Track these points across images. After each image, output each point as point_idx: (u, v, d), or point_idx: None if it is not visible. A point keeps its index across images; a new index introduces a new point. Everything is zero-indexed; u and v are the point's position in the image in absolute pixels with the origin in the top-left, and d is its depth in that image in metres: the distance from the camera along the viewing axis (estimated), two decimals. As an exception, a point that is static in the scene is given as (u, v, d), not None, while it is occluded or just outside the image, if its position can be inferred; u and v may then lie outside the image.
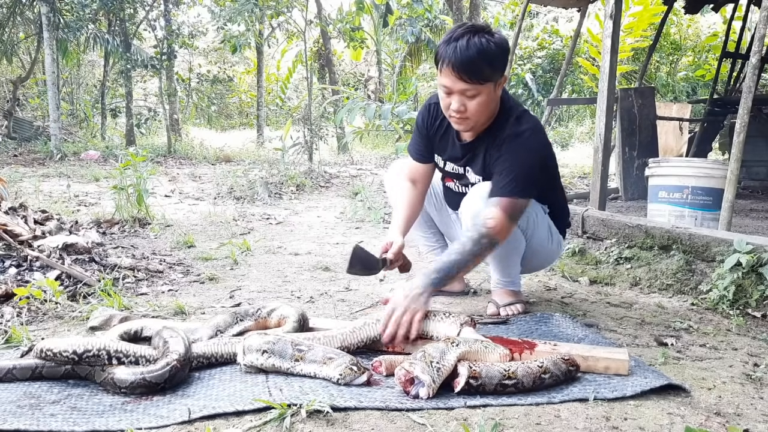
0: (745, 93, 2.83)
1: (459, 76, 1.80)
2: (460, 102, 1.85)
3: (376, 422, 1.30)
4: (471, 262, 1.82)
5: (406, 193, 2.19)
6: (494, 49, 1.80)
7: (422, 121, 2.15)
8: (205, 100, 18.87)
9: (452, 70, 1.80)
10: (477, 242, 1.80)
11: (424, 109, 2.16)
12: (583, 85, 12.40)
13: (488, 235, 1.81)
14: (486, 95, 1.85)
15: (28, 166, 8.30)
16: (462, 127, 1.95)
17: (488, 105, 1.89)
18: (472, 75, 1.80)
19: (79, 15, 10.38)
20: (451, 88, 1.85)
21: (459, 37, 1.80)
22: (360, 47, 11.98)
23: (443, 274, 1.78)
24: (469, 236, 1.82)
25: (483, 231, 1.81)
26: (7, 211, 2.84)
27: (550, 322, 2.03)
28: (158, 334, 1.61)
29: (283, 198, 6.00)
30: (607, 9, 3.58)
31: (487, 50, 1.78)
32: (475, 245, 1.80)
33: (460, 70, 1.79)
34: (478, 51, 1.78)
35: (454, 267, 1.79)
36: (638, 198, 5.00)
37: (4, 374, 1.49)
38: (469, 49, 1.77)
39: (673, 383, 1.50)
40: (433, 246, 2.50)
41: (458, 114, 1.88)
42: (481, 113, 1.89)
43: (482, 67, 1.80)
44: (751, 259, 2.22)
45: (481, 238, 1.81)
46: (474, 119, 1.90)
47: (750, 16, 6.80)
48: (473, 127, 1.96)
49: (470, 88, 1.82)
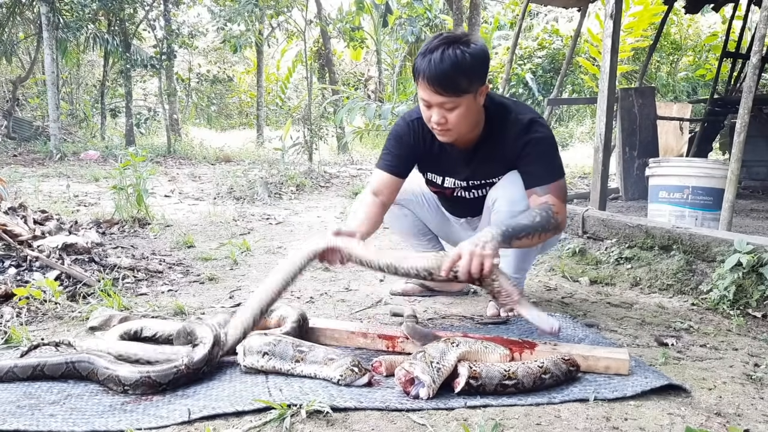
0: (746, 93, 2.83)
1: (435, 89, 1.77)
2: (440, 114, 1.82)
3: (376, 422, 1.30)
4: (537, 234, 1.78)
5: (366, 209, 2.02)
6: (469, 60, 1.74)
7: (403, 137, 2.04)
8: (204, 100, 18.88)
9: (428, 83, 1.77)
10: (546, 219, 1.78)
11: (405, 124, 2.05)
12: (583, 85, 12.40)
13: (554, 218, 1.81)
14: (465, 106, 1.82)
15: (27, 166, 8.30)
16: (445, 138, 1.91)
17: (469, 115, 1.85)
18: (448, 88, 1.76)
19: (79, 15, 10.38)
20: (429, 101, 1.82)
21: (434, 49, 1.76)
22: (360, 47, 11.99)
23: (512, 231, 1.72)
24: (540, 212, 1.79)
25: (550, 213, 1.80)
26: (6, 211, 2.84)
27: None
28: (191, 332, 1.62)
29: (282, 198, 6.00)
30: (608, 9, 3.58)
31: (461, 62, 1.74)
32: (544, 220, 1.77)
33: (435, 83, 1.75)
34: (452, 64, 1.73)
35: (523, 230, 1.75)
36: (638, 198, 4.99)
37: (4, 374, 1.49)
38: (443, 62, 1.73)
39: (674, 383, 1.49)
40: (423, 244, 2.48)
41: (439, 126, 1.85)
42: (463, 124, 1.86)
43: (458, 80, 1.75)
44: (751, 259, 2.22)
45: (550, 217, 1.79)
46: (456, 130, 1.87)
47: (750, 15, 6.80)
48: (457, 138, 1.92)
49: (448, 101, 1.79)
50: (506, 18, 14.81)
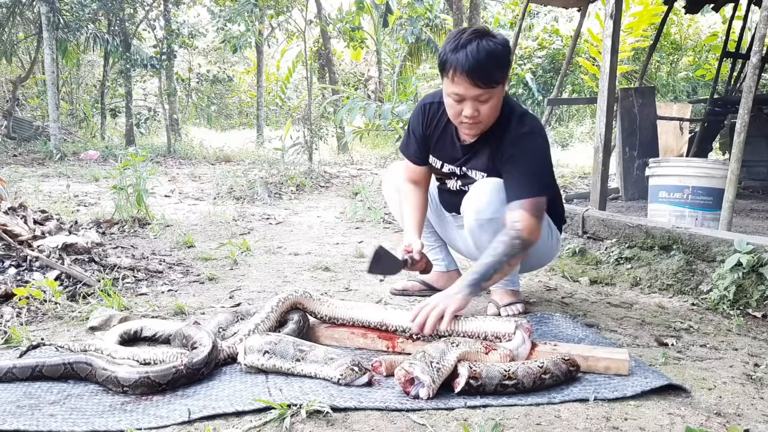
0: (746, 93, 2.83)
1: (473, 82, 1.81)
2: (474, 107, 1.86)
3: (376, 422, 1.30)
4: (506, 263, 1.83)
5: (412, 195, 2.21)
6: (501, 50, 1.82)
7: (418, 124, 2.15)
8: (204, 100, 18.87)
9: (466, 77, 1.80)
10: (509, 244, 1.82)
11: (419, 110, 2.15)
12: (583, 85, 12.40)
13: (519, 237, 1.83)
14: (497, 98, 1.88)
15: (27, 166, 8.30)
16: (474, 131, 1.97)
17: (497, 106, 1.92)
18: (487, 79, 1.81)
19: (79, 15, 10.38)
20: (464, 95, 1.85)
21: (467, 42, 1.80)
22: (360, 47, 11.98)
23: (480, 276, 1.78)
24: (501, 240, 1.83)
25: (513, 234, 1.83)
26: (6, 211, 2.84)
27: (551, 323, 2.03)
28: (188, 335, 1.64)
29: (282, 198, 5.99)
30: (608, 9, 3.58)
31: (495, 53, 1.80)
32: (507, 247, 1.81)
33: (474, 76, 1.80)
34: (488, 55, 1.78)
35: (490, 269, 1.80)
36: (638, 198, 4.99)
37: (3, 375, 1.49)
38: (479, 53, 1.78)
39: (674, 383, 1.49)
40: (431, 246, 2.50)
41: (471, 120, 1.89)
42: (492, 116, 1.92)
43: (494, 71, 1.81)
44: (751, 259, 2.22)
45: (513, 240, 1.82)
46: (485, 122, 1.93)
47: (750, 15, 6.80)
48: (483, 130, 1.97)
49: (484, 92, 1.83)
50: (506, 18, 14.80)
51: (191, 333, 1.64)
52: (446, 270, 2.49)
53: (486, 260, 1.81)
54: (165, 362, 1.54)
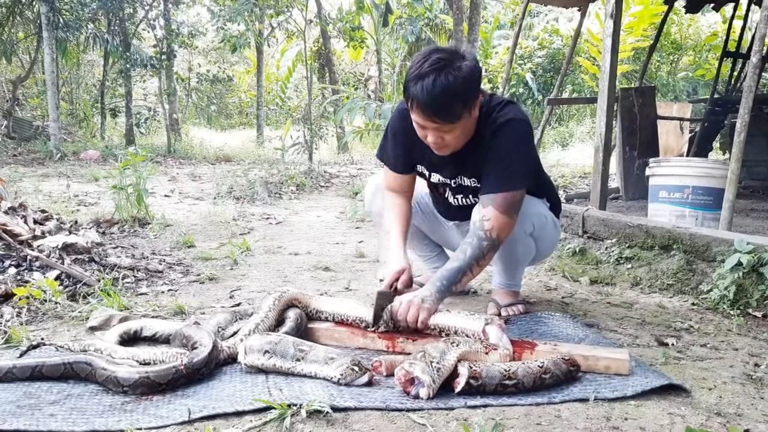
0: (746, 92, 2.83)
1: (430, 117, 1.73)
2: (437, 136, 1.79)
3: (376, 422, 1.30)
4: (474, 266, 1.81)
5: (395, 207, 2.09)
6: (461, 84, 1.68)
7: (399, 129, 2.01)
8: (204, 99, 18.87)
9: (421, 112, 1.72)
10: (477, 247, 1.80)
11: (398, 116, 2.01)
12: (583, 85, 12.40)
13: (488, 238, 1.80)
14: (461, 127, 1.79)
15: (27, 165, 8.30)
16: (443, 152, 1.88)
17: (465, 132, 1.84)
18: (444, 115, 1.72)
19: (79, 14, 10.37)
20: (424, 126, 1.78)
21: (425, 75, 1.67)
22: (360, 47, 11.97)
23: (447, 282, 1.78)
24: (469, 242, 1.82)
25: (481, 234, 1.80)
26: (6, 211, 2.83)
27: (551, 322, 2.03)
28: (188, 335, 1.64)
29: (282, 198, 5.99)
30: (608, 8, 3.58)
31: (454, 88, 1.67)
32: (475, 250, 1.80)
33: (429, 112, 1.71)
34: (444, 90, 1.66)
35: (457, 273, 1.79)
36: (639, 198, 4.98)
37: (3, 375, 1.49)
38: (435, 89, 1.66)
39: (674, 383, 1.49)
40: (429, 256, 2.48)
41: (436, 145, 1.83)
42: (460, 140, 1.84)
43: (452, 106, 1.70)
44: (751, 259, 2.21)
45: (481, 242, 1.80)
46: (453, 146, 1.85)
47: (750, 15, 6.80)
48: (454, 150, 1.89)
49: (443, 125, 1.76)
50: (506, 17, 14.81)
51: (191, 333, 1.64)
52: None
53: (454, 264, 1.80)
54: (165, 362, 1.54)
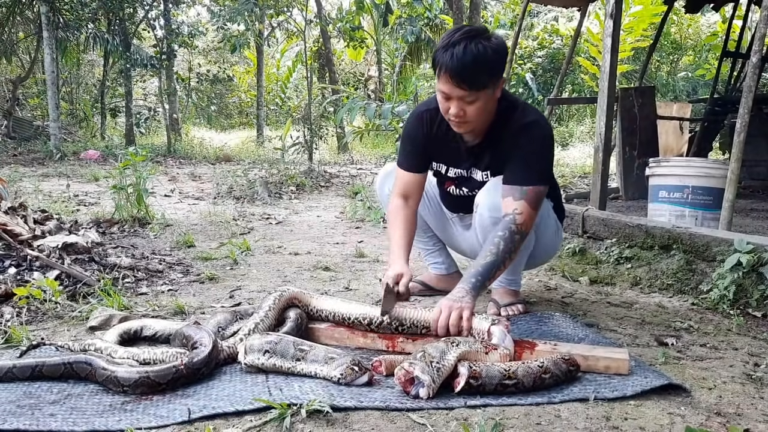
0: (746, 92, 2.83)
1: (457, 84, 1.78)
2: (459, 107, 1.83)
3: (376, 422, 1.30)
4: (507, 260, 1.81)
5: (401, 215, 2.11)
6: (491, 54, 1.76)
7: (416, 132, 2.09)
8: (204, 99, 18.88)
9: (449, 78, 1.78)
10: (510, 240, 1.79)
11: (416, 119, 2.09)
12: (583, 85, 12.39)
13: (519, 231, 1.81)
14: (484, 100, 1.84)
15: (27, 165, 8.30)
16: (462, 129, 1.94)
17: (487, 108, 1.88)
18: (470, 83, 1.77)
19: (79, 14, 10.38)
20: (449, 95, 1.83)
21: (456, 43, 1.75)
22: (360, 47, 11.99)
23: (483, 278, 1.76)
24: (501, 235, 1.80)
25: (513, 228, 1.81)
26: (6, 211, 2.83)
27: (551, 322, 2.03)
28: (188, 335, 1.64)
29: (282, 198, 5.99)
30: (608, 8, 3.58)
31: (484, 57, 1.74)
32: (508, 243, 1.79)
33: (457, 78, 1.76)
34: (474, 58, 1.73)
35: (492, 268, 1.77)
36: (639, 198, 4.98)
37: (4, 374, 1.49)
38: (465, 56, 1.73)
39: (674, 383, 1.49)
40: (430, 249, 2.50)
41: (457, 118, 1.86)
42: (480, 117, 1.88)
43: (480, 75, 1.77)
44: (751, 259, 2.21)
45: (513, 235, 1.80)
46: (473, 123, 1.90)
47: (750, 15, 6.80)
48: (473, 130, 1.95)
49: (468, 94, 1.80)
50: (506, 17, 14.80)
51: (191, 333, 1.64)
52: (447, 273, 2.49)
53: (488, 259, 1.78)
54: (165, 362, 1.54)
